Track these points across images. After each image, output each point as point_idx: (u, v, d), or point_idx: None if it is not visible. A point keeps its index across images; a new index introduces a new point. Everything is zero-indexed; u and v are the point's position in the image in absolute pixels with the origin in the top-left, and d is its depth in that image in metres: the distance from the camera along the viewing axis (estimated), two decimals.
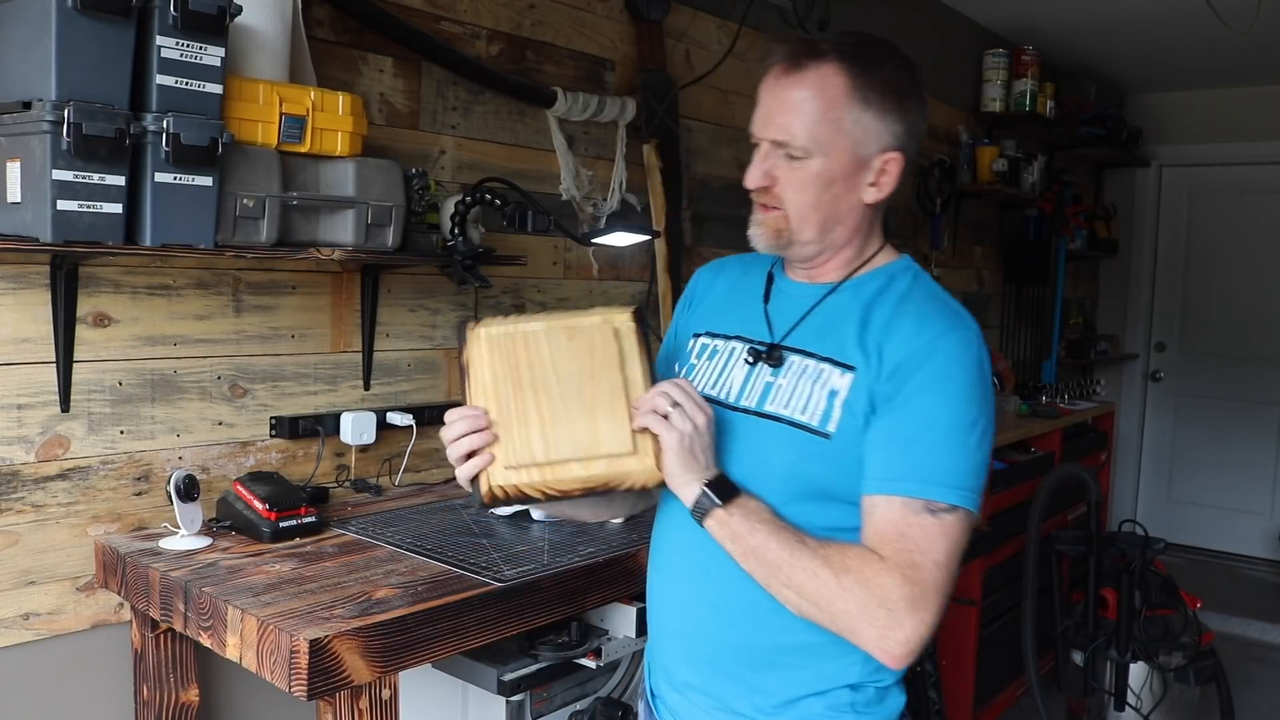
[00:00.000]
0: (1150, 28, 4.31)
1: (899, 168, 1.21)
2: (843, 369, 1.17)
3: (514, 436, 1.14)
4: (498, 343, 1.17)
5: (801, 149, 1.17)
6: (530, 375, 1.15)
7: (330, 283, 2.08)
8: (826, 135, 1.16)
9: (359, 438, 2.07)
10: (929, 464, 1.11)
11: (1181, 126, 5.54)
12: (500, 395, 1.15)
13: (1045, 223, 4.83)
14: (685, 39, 2.91)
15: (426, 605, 1.43)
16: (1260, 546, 5.44)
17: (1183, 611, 3.12)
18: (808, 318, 1.24)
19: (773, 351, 1.23)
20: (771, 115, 1.18)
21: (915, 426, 1.12)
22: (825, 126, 1.16)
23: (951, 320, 1.17)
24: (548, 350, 1.17)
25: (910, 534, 1.09)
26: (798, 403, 1.18)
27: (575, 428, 1.14)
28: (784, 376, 1.21)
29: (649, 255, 2.83)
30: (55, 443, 1.70)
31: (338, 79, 2.04)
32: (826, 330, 1.21)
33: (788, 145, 1.17)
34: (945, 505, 1.10)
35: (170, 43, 1.49)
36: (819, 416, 1.16)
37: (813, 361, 1.20)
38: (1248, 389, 5.43)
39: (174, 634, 1.72)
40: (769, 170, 1.20)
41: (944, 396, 1.12)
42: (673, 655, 1.30)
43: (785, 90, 1.17)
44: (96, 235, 1.47)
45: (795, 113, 1.16)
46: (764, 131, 1.19)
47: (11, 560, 1.66)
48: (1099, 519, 3.22)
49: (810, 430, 1.16)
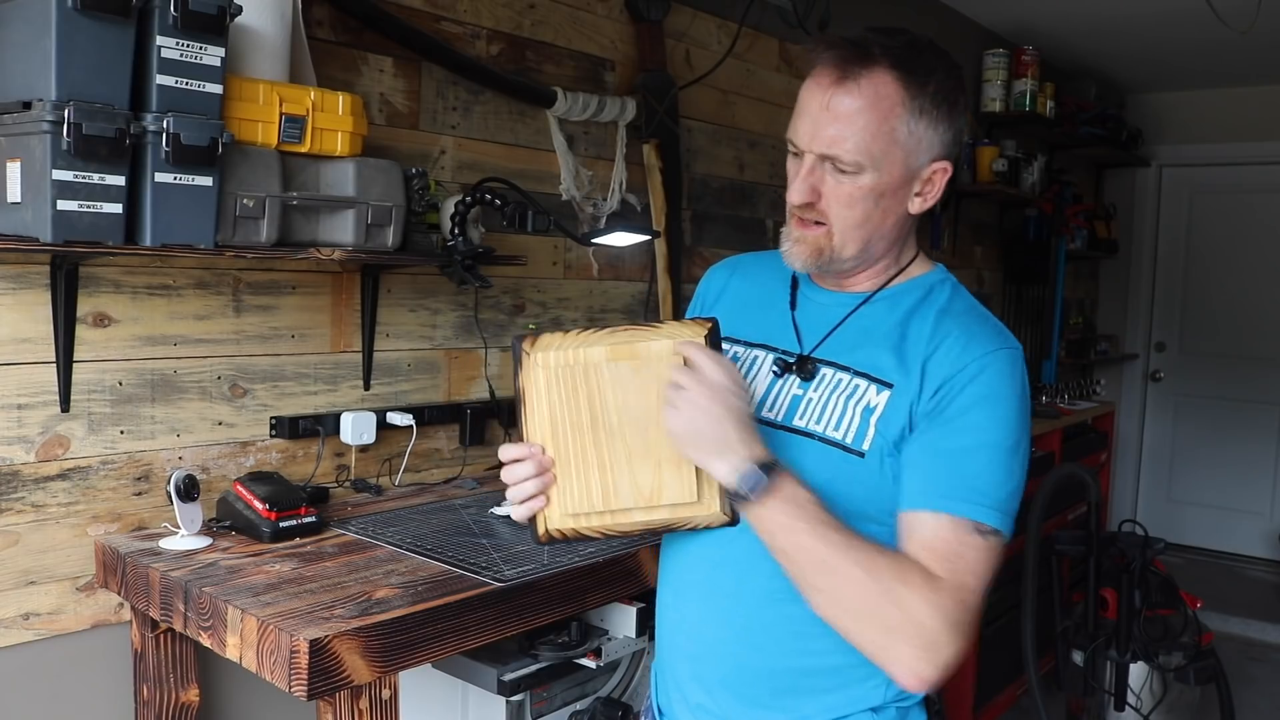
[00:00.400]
0: (1150, 28, 4.31)
1: (946, 177, 1.16)
2: (879, 385, 1.12)
3: (573, 482, 1.09)
4: (556, 375, 1.08)
5: (853, 164, 1.10)
6: (591, 414, 1.07)
7: (330, 283, 2.08)
8: (881, 149, 1.09)
9: (359, 438, 2.07)
10: (978, 484, 1.07)
11: (1181, 126, 5.54)
12: (559, 435, 1.08)
13: (1045, 223, 4.82)
14: (685, 39, 2.91)
15: (426, 605, 1.43)
16: (1260, 546, 5.44)
17: (1183, 611, 3.12)
18: (840, 329, 1.19)
19: (804, 363, 1.18)
20: (820, 127, 1.10)
21: (964, 443, 1.08)
22: (880, 140, 1.09)
23: (999, 339, 1.13)
24: (610, 384, 1.07)
25: (964, 554, 1.05)
26: (830, 419, 1.13)
27: (638, 475, 1.07)
28: (814, 390, 1.15)
29: (649, 255, 2.83)
30: (55, 443, 1.70)
31: (338, 79, 2.04)
32: (860, 343, 1.16)
33: (838, 159, 1.10)
34: (991, 528, 1.06)
35: (170, 43, 1.49)
36: (853, 434, 1.11)
37: (846, 375, 1.15)
38: (1248, 389, 5.43)
39: (174, 634, 1.72)
40: (815, 185, 1.12)
41: (992, 415, 1.08)
42: (685, 675, 1.24)
43: (837, 101, 1.09)
44: (96, 235, 1.47)
45: (848, 125, 1.09)
46: (812, 144, 1.11)
47: (11, 560, 1.66)
48: (1099, 519, 3.22)
49: (845, 449, 1.12)
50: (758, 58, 3.16)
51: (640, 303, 2.83)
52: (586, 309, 2.67)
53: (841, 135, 1.09)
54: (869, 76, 1.08)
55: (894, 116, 1.09)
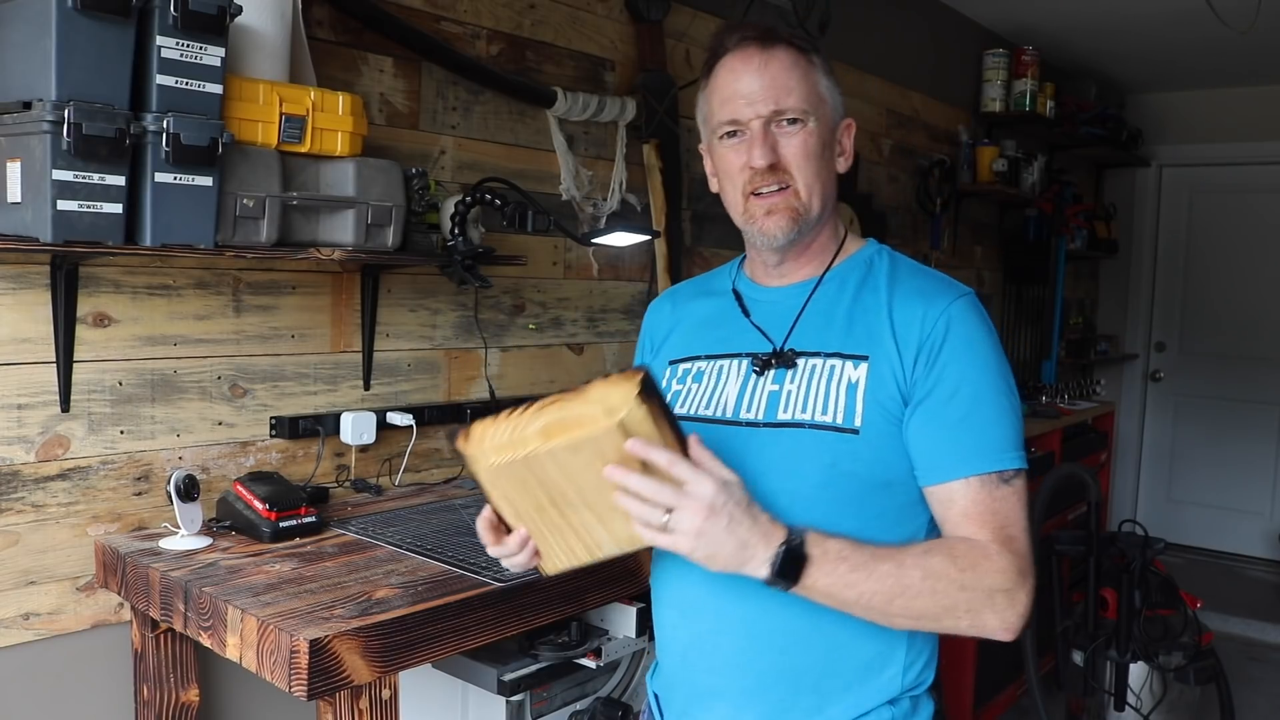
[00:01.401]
0: (1150, 28, 4.31)
1: (852, 134, 1.26)
2: (855, 360, 1.15)
3: (554, 547, 1.09)
4: (500, 471, 1.03)
5: (801, 111, 1.18)
6: (548, 496, 1.04)
7: (330, 283, 2.08)
8: (814, 100, 1.19)
9: (359, 438, 2.07)
10: (990, 437, 1.12)
11: (1181, 126, 5.54)
12: (525, 517, 1.08)
13: (1045, 223, 4.83)
14: (685, 39, 2.91)
15: (426, 605, 1.43)
16: (1260, 546, 5.44)
17: (1183, 611, 3.12)
18: (802, 317, 1.22)
19: (783, 355, 1.20)
20: (762, 88, 1.17)
21: (963, 404, 1.12)
22: (812, 92, 1.19)
23: (951, 289, 1.19)
24: (556, 468, 1.01)
25: (1000, 509, 1.10)
26: (817, 404, 1.14)
27: (614, 529, 1.04)
28: (792, 383, 1.17)
29: (649, 255, 2.84)
30: (55, 443, 1.70)
31: (338, 79, 2.04)
32: (824, 325, 1.20)
33: (787, 111, 1.17)
34: (1013, 470, 1.12)
35: (170, 43, 1.49)
36: (843, 414, 1.13)
37: (820, 360, 1.17)
38: (1248, 389, 5.43)
39: (174, 634, 1.72)
40: (772, 145, 1.17)
41: (974, 364, 1.13)
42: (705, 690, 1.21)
43: (771, 63, 1.18)
44: (96, 235, 1.47)
45: (788, 78, 1.18)
46: (756, 107, 1.17)
47: (11, 560, 1.66)
48: (1099, 519, 3.22)
49: (839, 429, 1.13)
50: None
51: (640, 303, 2.83)
52: (586, 309, 2.67)
53: (786, 87, 1.18)
54: (783, 46, 1.20)
55: (813, 73, 1.20)
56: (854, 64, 3.62)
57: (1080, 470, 3.36)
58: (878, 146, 3.85)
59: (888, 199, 3.92)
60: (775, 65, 1.18)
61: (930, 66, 4.11)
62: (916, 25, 4.01)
